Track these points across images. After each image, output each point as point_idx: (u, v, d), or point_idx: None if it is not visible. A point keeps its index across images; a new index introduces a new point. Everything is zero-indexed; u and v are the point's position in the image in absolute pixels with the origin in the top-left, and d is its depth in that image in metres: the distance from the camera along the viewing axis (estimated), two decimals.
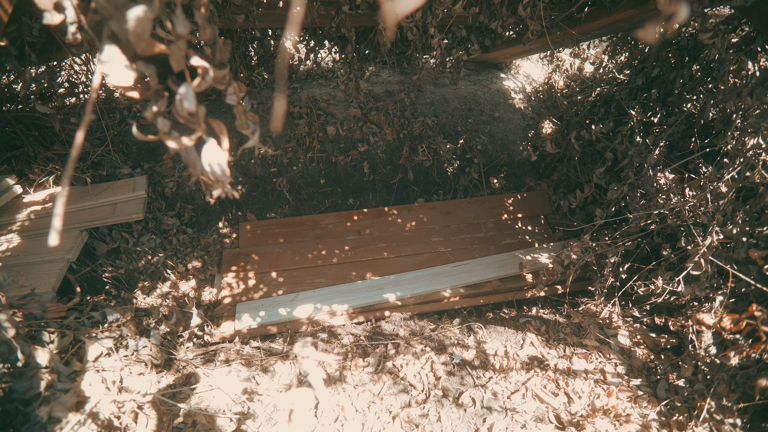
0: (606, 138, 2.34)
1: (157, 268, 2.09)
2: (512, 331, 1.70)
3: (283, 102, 0.59)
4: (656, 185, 1.76)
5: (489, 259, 2.23)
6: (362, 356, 1.50)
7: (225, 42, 0.61)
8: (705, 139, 1.99)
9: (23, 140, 2.16)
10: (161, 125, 0.54)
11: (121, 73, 0.47)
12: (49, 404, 1.05)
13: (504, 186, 2.93)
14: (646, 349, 1.64)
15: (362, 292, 2.00)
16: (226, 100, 0.64)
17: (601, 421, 1.32)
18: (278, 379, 1.39)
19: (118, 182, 2.08)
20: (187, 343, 1.74)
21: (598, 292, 1.86)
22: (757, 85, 1.49)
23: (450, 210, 2.56)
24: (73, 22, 0.59)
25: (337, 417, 1.27)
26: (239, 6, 1.81)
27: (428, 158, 2.69)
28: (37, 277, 1.67)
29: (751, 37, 1.69)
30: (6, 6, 1.07)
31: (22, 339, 1.12)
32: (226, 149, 0.59)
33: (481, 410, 1.32)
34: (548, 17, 2.02)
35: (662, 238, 1.86)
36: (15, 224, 1.92)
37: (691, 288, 1.50)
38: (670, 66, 2.11)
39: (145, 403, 1.19)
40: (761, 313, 1.22)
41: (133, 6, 0.45)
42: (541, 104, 3.23)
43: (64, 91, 2.37)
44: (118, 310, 1.58)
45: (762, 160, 1.39)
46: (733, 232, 1.45)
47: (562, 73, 3.45)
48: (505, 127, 3.00)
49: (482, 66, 3.27)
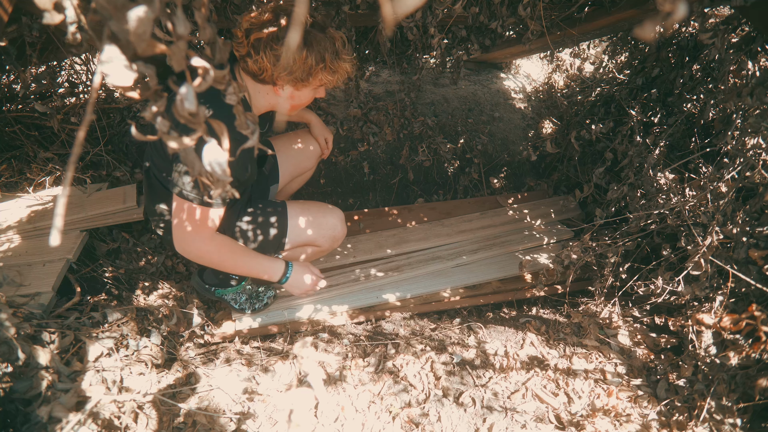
0: (606, 138, 2.34)
1: (158, 268, 2.09)
2: (512, 331, 1.70)
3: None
4: (656, 185, 1.76)
5: (489, 260, 2.23)
6: (362, 356, 1.50)
7: (225, 42, 0.61)
8: (705, 139, 1.99)
9: (23, 140, 2.16)
10: (160, 125, 0.54)
11: (121, 73, 0.47)
12: (49, 404, 1.05)
13: (504, 186, 2.93)
14: (646, 349, 1.64)
15: (362, 293, 2.00)
16: (226, 101, 0.64)
17: (601, 421, 1.32)
18: (278, 379, 1.39)
19: (107, 191, 2.07)
20: (187, 343, 1.74)
21: (598, 292, 1.86)
22: (757, 85, 1.49)
23: (450, 210, 2.56)
24: (73, 22, 0.59)
25: (337, 417, 1.27)
26: (239, 6, 1.82)
27: (428, 158, 2.69)
28: (37, 277, 1.67)
29: (751, 37, 1.69)
30: (6, 6, 1.07)
31: (22, 339, 1.12)
32: (227, 149, 0.59)
33: (481, 410, 1.32)
34: (548, 17, 2.02)
35: (662, 238, 1.86)
36: (15, 224, 1.92)
37: (691, 288, 1.50)
38: (670, 66, 2.11)
39: (145, 403, 1.19)
40: (761, 313, 1.22)
41: (133, 6, 0.45)
42: (541, 104, 3.23)
43: (64, 91, 2.37)
44: (118, 310, 1.58)
45: (762, 160, 1.39)
46: (733, 232, 1.45)
47: (562, 73, 3.45)
48: (505, 127, 3.00)
49: (482, 66, 3.27)
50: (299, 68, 1.24)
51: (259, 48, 1.20)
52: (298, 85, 1.30)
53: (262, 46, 1.19)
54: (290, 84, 1.29)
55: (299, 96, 1.35)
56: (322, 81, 1.31)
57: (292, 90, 1.32)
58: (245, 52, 1.23)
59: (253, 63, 1.23)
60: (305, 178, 2.09)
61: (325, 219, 1.69)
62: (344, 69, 1.31)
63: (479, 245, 2.29)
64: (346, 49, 1.29)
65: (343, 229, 1.74)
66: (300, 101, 1.38)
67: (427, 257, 2.19)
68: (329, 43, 1.25)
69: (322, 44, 1.23)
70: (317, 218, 1.68)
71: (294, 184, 2.08)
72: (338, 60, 1.28)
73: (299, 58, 1.22)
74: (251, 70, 1.26)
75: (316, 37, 1.23)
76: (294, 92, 1.33)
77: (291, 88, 1.31)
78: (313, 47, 1.23)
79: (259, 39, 1.19)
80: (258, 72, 1.25)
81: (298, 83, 1.29)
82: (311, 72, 1.26)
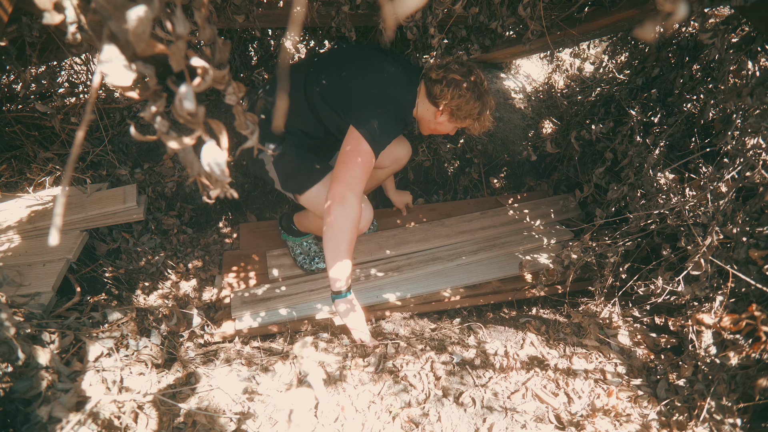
0: (606, 138, 2.34)
1: (158, 268, 2.09)
2: (512, 331, 1.70)
3: (284, 102, 0.59)
4: (656, 185, 1.76)
5: (489, 260, 2.23)
6: (362, 356, 1.50)
7: (225, 42, 0.61)
8: (705, 139, 1.99)
9: (23, 140, 2.17)
10: (160, 125, 0.54)
11: (121, 73, 0.47)
12: (49, 404, 1.05)
13: (504, 186, 2.93)
14: (646, 349, 1.64)
15: (363, 292, 2.00)
16: (226, 100, 0.64)
17: (601, 421, 1.32)
18: (278, 379, 1.39)
19: (107, 191, 2.06)
20: (187, 343, 1.74)
21: (598, 292, 1.86)
22: (757, 85, 1.49)
23: (450, 211, 2.56)
24: (73, 22, 0.59)
25: (337, 417, 1.27)
26: (239, 6, 1.81)
27: (428, 158, 2.69)
28: (37, 277, 1.67)
29: (751, 37, 1.69)
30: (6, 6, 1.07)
31: (22, 339, 1.12)
32: (226, 149, 0.59)
33: (481, 410, 1.32)
34: (548, 17, 2.02)
35: (662, 238, 1.86)
36: (15, 224, 1.92)
37: (691, 288, 1.50)
38: (670, 66, 2.11)
39: (145, 403, 1.19)
40: (761, 313, 1.22)
41: (133, 6, 0.45)
42: (541, 104, 3.23)
43: (64, 91, 2.37)
44: (118, 310, 1.58)
45: (762, 160, 1.39)
46: (733, 232, 1.45)
47: (562, 73, 3.45)
48: (505, 127, 3.00)
49: (482, 66, 3.27)
50: (464, 110, 1.61)
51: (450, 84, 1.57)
52: (451, 119, 1.66)
53: (453, 83, 1.57)
54: (447, 114, 1.65)
55: (445, 126, 1.71)
56: (466, 124, 1.68)
57: (446, 119, 1.67)
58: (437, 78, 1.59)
59: (438, 88, 1.59)
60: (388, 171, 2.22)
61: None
62: (484, 125, 1.69)
63: (479, 245, 2.29)
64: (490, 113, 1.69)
65: (370, 214, 1.78)
66: (442, 129, 1.74)
67: (427, 257, 2.19)
68: (487, 105, 1.65)
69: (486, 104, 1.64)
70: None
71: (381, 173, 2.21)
72: (484, 118, 1.67)
73: (469, 106, 1.60)
74: (433, 91, 1.61)
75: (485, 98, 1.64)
76: (445, 121, 1.68)
77: (446, 117, 1.66)
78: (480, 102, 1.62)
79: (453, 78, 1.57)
80: (437, 95, 1.60)
81: (452, 117, 1.65)
82: (468, 116, 1.63)
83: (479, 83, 1.61)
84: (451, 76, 1.57)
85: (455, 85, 1.57)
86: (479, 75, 1.60)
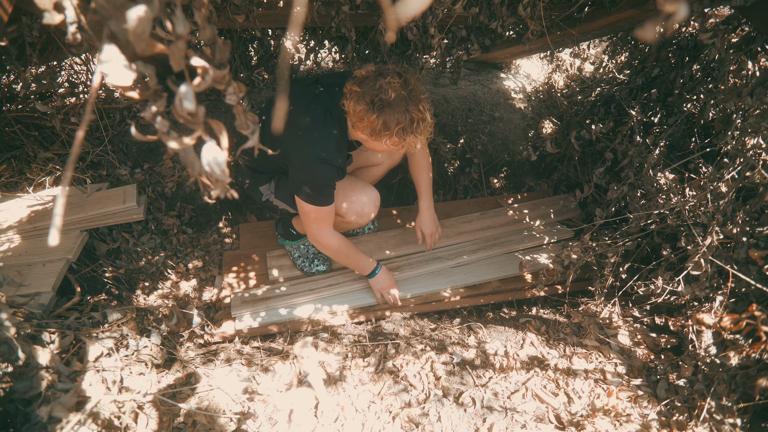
0: (606, 138, 2.34)
1: (158, 268, 2.09)
2: (512, 331, 1.70)
3: (283, 102, 0.59)
4: (656, 185, 1.76)
5: (489, 260, 2.23)
6: (362, 356, 1.50)
7: (225, 42, 0.61)
8: (705, 139, 1.99)
9: (23, 140, 2.16)
10: (160, 125, 0.54)
11: (121, 73, 0.47)
12: (49, 404, 1.05)
13: (504, 186, 2.93)
14: (646, 349, 1.64)
15: (363, 292, 2.00)
16: (226, 100, 0.64)
17: (601, 421, 1.32)
18: (278, 379, 1.39)
19: (107, 191, 2.06)
20: (187, 343, 1.74)
21: (598, 292, 1.86)
22: (757, 85, 1.49)
23: (450, 211, 2.56)
24: (73, 22, 0.59)
25: (337, 417, 1.27)
26: (239, 6, 1.82)
27: None
28: (37, 277, 1.67)
29: (751, 37, 1.69)
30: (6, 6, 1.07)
31: (22, 339, 1.12)
32: (226, 149, 0.59)
33: (481, 410, 1.32)
34: (548, 17, 2.02)
35: (662, 238, 1.86)
36: (15, 224, 1.92)
37: (691, 288, 1.50)
38: (670, 66, 2.11)
39: (145, 403, 1.19)
40: (761, 313, 1.22)
41: (133, 6, 0.45)
42: (541, 104, 3.23)
43: (64, 91, 2.37)
44: (118, 310, 1.58)
45: (762, 160, 1.39)
46: (733, 232, 1.45)
47: (562, 73, 3.45)
48: (505, 127, 3.00)
49: (482, 66, 3.27)
50: (366, 126, 1.40)
51: (352, 96, 1.40)
52: (371, 137, 1.45)
53: (355, 96, 1.38)
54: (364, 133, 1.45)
55: (373, 144, 1.50)
56: (388, 145, 1.44)
57: (367, 137, 1.47)
58: (347, 91, 1.42)
59: (344, 103, 1.44)
60: (384, 168, 2.18)
61: (357, 196, 1.85)
62: (411, 142, 1.42)
63: (479, 245, 2.29)
64: (422, 127, 1.41)
65: (372, 208, 1.88)
66: (374, 147, 1.53)
67: (427, 258, 2.19)
68: (403, 117, 1.37)
69: (393, 116, 1.37)
70: (351, 194, 1.84)
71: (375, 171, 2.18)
72: (405, 134, 1.40)
73: (368, 119, 1.38)
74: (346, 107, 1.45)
75: (392, 108, 1.36)
76: (368, 139, 1.48)
77: (366, 135, 1.46)
78: (384, 115, 1.36)
79: (353, 90, 1.39)
80: (347, 110, 1.45)
81: (371, 136, 1.44)
82: (376, 133, 1.41)
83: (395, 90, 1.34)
84: (352, 87, 1.40)
85: (357, 96, 1.38)
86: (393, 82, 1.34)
